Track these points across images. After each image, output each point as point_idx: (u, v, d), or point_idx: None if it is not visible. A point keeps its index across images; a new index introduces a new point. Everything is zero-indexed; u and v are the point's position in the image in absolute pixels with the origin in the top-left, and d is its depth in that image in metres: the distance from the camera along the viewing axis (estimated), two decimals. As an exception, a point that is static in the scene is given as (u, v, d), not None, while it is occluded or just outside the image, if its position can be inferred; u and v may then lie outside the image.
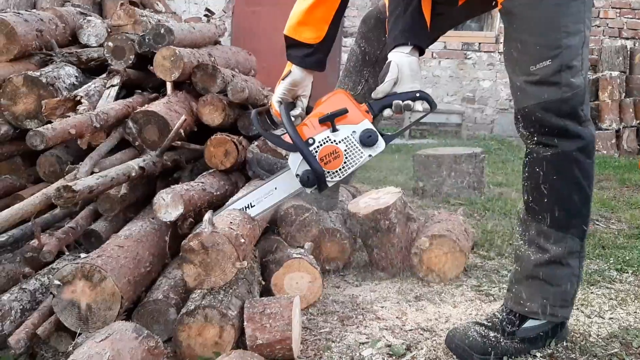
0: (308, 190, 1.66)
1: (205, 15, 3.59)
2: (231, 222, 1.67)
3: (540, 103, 1.46)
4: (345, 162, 1.62)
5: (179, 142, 2.28)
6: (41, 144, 1.81)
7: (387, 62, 1.61)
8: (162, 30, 2.55)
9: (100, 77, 2.51)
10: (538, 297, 1.57)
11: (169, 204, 1.84)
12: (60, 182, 1.81)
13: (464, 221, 2.46)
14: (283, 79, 1.72)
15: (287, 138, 1.64)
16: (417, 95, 1.59)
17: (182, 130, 2.19)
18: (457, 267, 2.19)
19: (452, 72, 7.74)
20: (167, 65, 2.42)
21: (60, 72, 2.42)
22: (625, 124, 6.26)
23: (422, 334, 1.76)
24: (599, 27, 7.56)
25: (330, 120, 1.60)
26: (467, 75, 7.74)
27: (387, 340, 1.71)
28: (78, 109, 2.13)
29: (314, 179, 1.61)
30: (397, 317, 1.88)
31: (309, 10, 1.66)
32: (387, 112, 1.62)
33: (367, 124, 1.62)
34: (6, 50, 2.37)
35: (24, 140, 1.88)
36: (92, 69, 2.64)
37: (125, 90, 2.54)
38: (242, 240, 1.63)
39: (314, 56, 1.71)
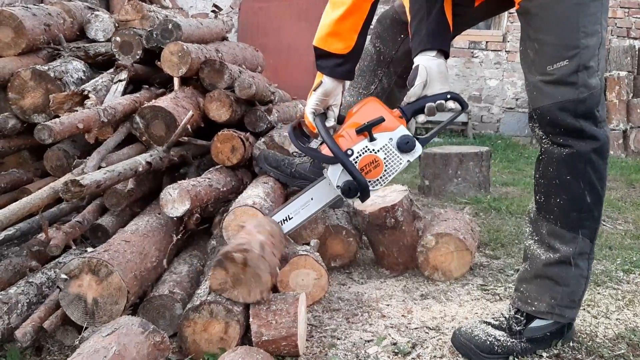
0: (350, 201, 1.70)
1: (213, 11, 3.59)
2: (273, 244, 1.65)
3: (556, 103, 1.46)
4: (385, 170, 1.65)
5: (185, 138, 2.28)
6: (49, 138, 1.81)
7: (414, 66, 1.62)
8: (170, 26, 2.55)
9: (108, 72, 2.51)
10: (546, 297, 1.57)
11: (175, 200, 1.84)
12: (68, 176, 1.81)
13: (470, 220, 2.46)
14: (315, 90, 1.74)
15: (325, 150, 1.66)
16: (448, 96, 1.60)
17: (189, 126, 2.19)
18: (463, 265, 2.19)
19: (459, 71, 7.71)
20: (174, 61, 2.42)
21: (67, 66, 2.42)
22: (632, 124, 6.22)
23: (427, 333, 1.76)
24: (607, 26, 7.51)
25: (367, 130, 1.62)
26: (473, 74, 7.72)
27: (392, 338, 1.71)
28: (85, 104, 2.14)
29: (356, 189, 1.64)
30: (402, 315, 1.88)
31: (339, 21, 1.68)
32: (420, 117, 1.65)
33: (403, 130, 1.64)
34: (14, 44, 2.38)
35: (31, 134, 1.88)
36: (99, 64, 2.65)
37: (133, 86, 2.54)
38: (277, 271, 1.62)
39: (344, 66, 1.73)
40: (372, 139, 1.63)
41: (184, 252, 2.04)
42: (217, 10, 3.59)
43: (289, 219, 1.82)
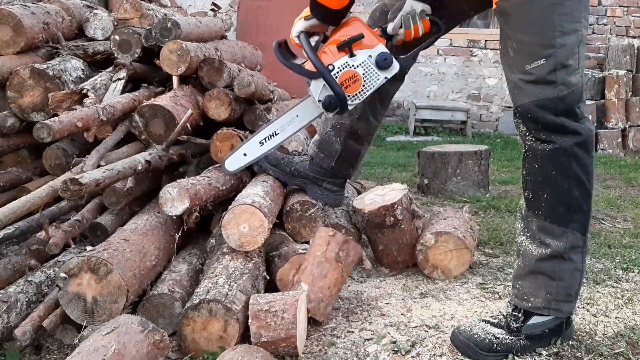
0: (330, 115, 1.81)
1: (212, 10, 3.59)
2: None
3: (536, 101, 1.49)
4: (364, 85, 1.77)
5: (185, 137, 2.28)
6: (48, 136, 1.81)
7: (406, 2, 1.73)
8: (169, 24, 2.54)
9: (107, 70, 2.51)
10: (542, 292, 1.58)
11: (175, 198, 1.84)
12: (67, 175, 1.81)
13: (469, 218, 2.46)
14: (304, 19, 1.86)
15: (308, 66, 1.78)
16: (425, 15, 1.74)
17: (188, 125, 2.19)
18: (462, 264, 2.19)
19: (458, 70, 7.71)
20: (173, 59, 2.41)
21: (66, 65, 2.42)
22: (631, 123, 6.22)
23: (427, 331, 1.76)
24: (606, 25, 7.52)
25: (348, 46, 1.74)
26: (472, 72, 7.72)
27: (392, 336, 1.71)
28: (84, 102, 2.13)
29: (336, 102, 1.76)
30: (402, 314, 1.88)
31: None
32: (400, 31, 1.74)
33: (381, 47, 1.76)
34: (13, 43, 2.38)
35: (30, 132, 1.88)
36: (98, 62, 2.65)
37: (132, 84, 2.54)
38: None
39: (334, 16, 1.84)
40: (352, 55, 1.75)
41: (184, 250, 2.03)
42: (216, 8, 3.59)
43: (275, 134, 1.95)
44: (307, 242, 2.09)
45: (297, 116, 1.92)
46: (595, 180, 1.59)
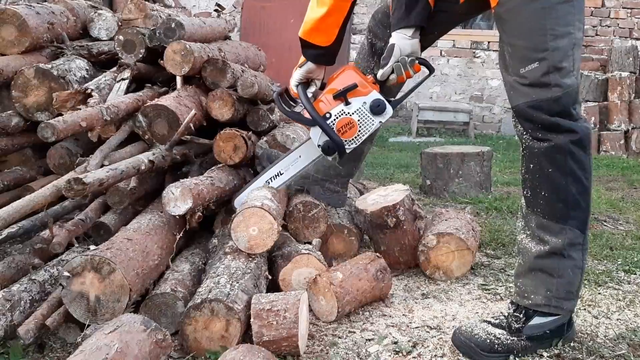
0: (329, 158, 1.93)
1: (216, 10, 3.60)
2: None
3: (531, 102, 1.52)
4: (359, 131, 1.87)
5: (188, 137, 2.28)
6: (52, 136, 1.82)
7: (390, 44, 1.78)
8: (173, 25, 2.55)
9: (111, 70, 2.52)
10: (542, 289, 1.58)
11: (177, 198, 1.84)
12: (70, 175, 1.82)
13: (471, 219, 2.46)
14: (300, 67, 1.95)
15: (306, 114, 1.88)
16: (415, 59, 1.79)
17: (191, 125, 2.19)
18: (464, 265, 2.19)
19: (461, 71, 7.71)
20: (177, 60, 2.42)
21: (71, 65, 2.43)
22: (634, 125, 6.21)
23: (428, 332, 1.76)
24: (609, 27, 7.51)
25: (343, 96, 1.84)
26: (475, 73, 7.72)
27: (393, 337, 1.71)
28: (88, 102, 2.14)
29: (334, 148, 1.87)
30: (403, 315, 1.88)
31: (322, 19, 1.86)
32: (392, 77, 1.81)
33: (375, 94, 1.85)
34: (18, 42, 2.39)
35: (34, 132, 1.89)
36: (102, 62, 2.65)
37: (135, 84, 2.54)
38: None
39: (326, 55, 1.94)
40: (347, 103, 1.85)
41: (186, 250, 2.04)
42: (219, 9, 3.59)
43: (280, 174, 2.05)
44: (310, 243, 2.10)
45: (299, 157, 2.04)
46: (597, 181, 1.60)
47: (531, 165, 1.57)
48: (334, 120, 1.85)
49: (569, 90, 1.50)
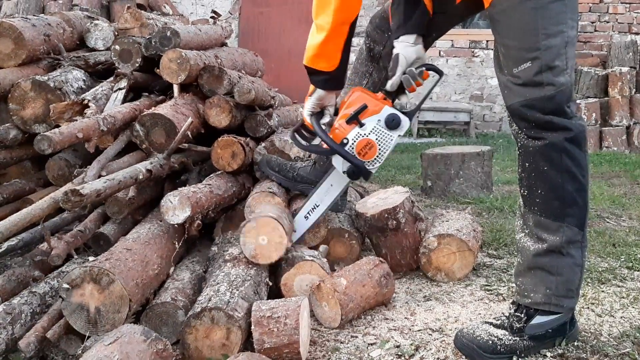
0: (358, 181, 1.92)
1: (212, 17, 3.60)
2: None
3: (524, 101, 1.52)
4: (379, 149, 1.85)
5: (186, 145, 2.28)
6: (48, 148, 1.82)
7: (394, 54, 1.77)
8: (169, 33, 2.56)
9: (108, 80, 2.52)
10: (541, 288, 1.58)
11: (176, 207, 1.84)
12: (68, 186, 1.82)
13: (472, 220, 2.45)
14: (310, 96, 1.95)
15: (325, 145, 1.88)
16: (423, 68, 1.78)
17: (189, 133, 2.19)
18: (465, 266, 2.18)
19: (460, 70, 7.71)
20: (173, 68, 2.42)
21: (67, 76, 2.43)
22: (635, 120, 6.19)
23: (431, 334, 1.75)
24: (608, 22, 7.50)
25: (355, 119, 1.82)
26: (475, 73, 7.71)
27: (395, 340, 1.71)
28: (85, 113, 2.15)
29: (359, 171, 1.87)
30: (405, 318, 1.87)
31: (322, 44, 1.82)
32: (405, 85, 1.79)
33: (387, 109, 1.83)
34: (14, 55, 2.39)
35: (32, 144, 1.89)
36: (99, 73, 2.66)
37: (133, 93, 2.55)
38: None
39: (333, 80, 1.92)
40: (361, 125, 1.82)
41: (186, 258, 2.04)
42: (215, 16, 3.60)
43: (317, 206, 2.04)
44: (312, 248, 2.09)
45: (331, 185, 2.03)
46: (600, 177, 1.60)
47: (527, 164, 1.57)
48: (352, 144, 1.83)
49: (563, 89, 1.51)
